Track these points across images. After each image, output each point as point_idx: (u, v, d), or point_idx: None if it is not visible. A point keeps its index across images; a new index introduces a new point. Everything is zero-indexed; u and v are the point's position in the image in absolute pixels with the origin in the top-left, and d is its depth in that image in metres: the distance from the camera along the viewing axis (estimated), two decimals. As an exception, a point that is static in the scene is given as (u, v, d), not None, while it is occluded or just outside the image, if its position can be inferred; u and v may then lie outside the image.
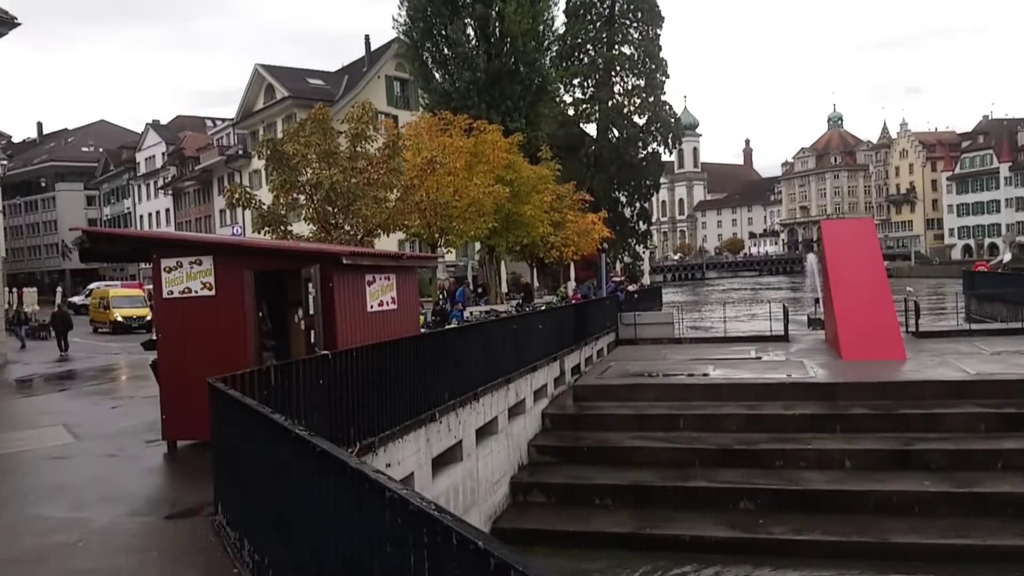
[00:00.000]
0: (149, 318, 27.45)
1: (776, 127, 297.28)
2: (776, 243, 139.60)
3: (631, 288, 29.49)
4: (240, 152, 53.60)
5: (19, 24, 21.04)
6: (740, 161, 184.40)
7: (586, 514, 11.61)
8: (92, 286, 53.51)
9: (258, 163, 39.82)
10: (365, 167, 17.39)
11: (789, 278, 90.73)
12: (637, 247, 48.00)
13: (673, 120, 46.99)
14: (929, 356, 17.10)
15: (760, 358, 18.67)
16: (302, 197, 17.29)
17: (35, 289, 47.51)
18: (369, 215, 16.82)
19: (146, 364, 10.85)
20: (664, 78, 45.79)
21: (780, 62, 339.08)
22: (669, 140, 46.81)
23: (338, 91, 46.03)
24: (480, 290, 32.12)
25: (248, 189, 18.11)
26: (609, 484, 12.20)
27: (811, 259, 35.11)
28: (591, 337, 19.57)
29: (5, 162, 59.75)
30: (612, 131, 45.13)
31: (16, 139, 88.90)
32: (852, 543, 10.03)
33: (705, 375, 16.44)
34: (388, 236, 19.70)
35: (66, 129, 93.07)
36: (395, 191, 17.94)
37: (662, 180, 54.29)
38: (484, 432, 11.39)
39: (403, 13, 32.46)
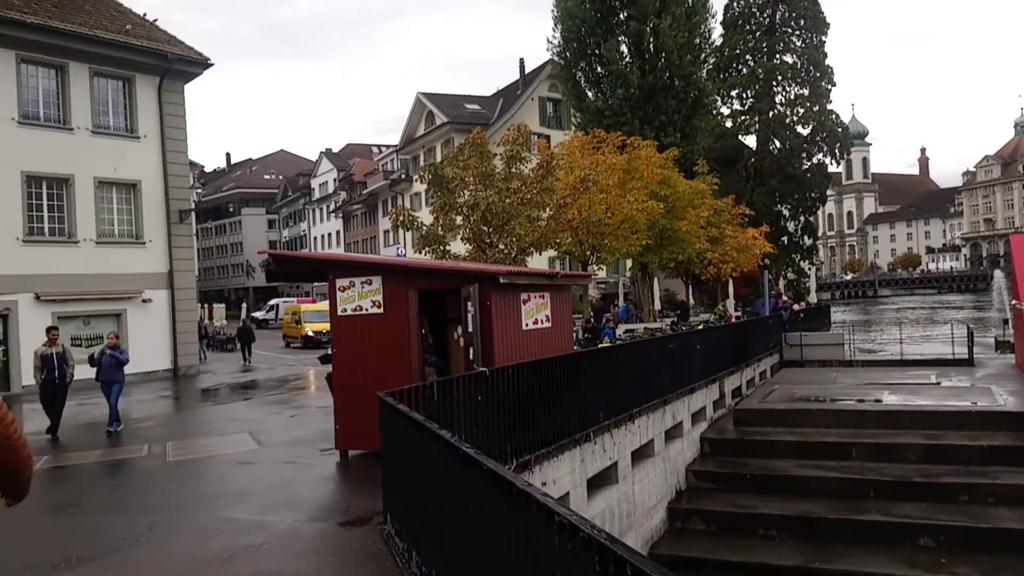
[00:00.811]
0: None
1: (955, 134, 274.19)
2: (957, 259, 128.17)
3: (796, 307, 28.07)
4: (403, 176, 56.26)
5: (212, 65, 23.28)
6: (915, 171, 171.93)
7: (749, 544, 11.11)
8: (272, 302, 58.03)
9: (419, 186, 41.65)
10: (519, 187, 17.74)
11: (973, 297, 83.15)
12: (802, 263, 45.65)
13: (840, 129, 44.42)
14: None
15: (941, 383, 17.19)
16: (459, 218, 17.87)
17: (223, 305, 51.98)
18: (522, 234, 17.08)
19: (320, 376, 11.64)
20: (830, 86, 43.50)
21: (959, 64, 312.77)
22: (836, 150, 44.31)
23: (493, 114, 47.32)
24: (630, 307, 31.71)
25: (410, 211, 18.95)
26: (774, 514, 11.62)
27: (998, 276, 31.98)
28: (753, 358, 18.79)
29: (199, 190, 66.09)
30: (773, 142, 43.36)
31: (208, 169, 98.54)
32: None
33: (879, 401, 15.32)
34: (540, 254, 19.94)
35: (251, 159, 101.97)
36: (548, 210, 18.14)
37: (829, 192, 51.29)
38: (640, 455, 11.18)
39: (557, 35, 32.94)
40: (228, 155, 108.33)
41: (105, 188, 20.99)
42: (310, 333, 33.57)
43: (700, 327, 20.46)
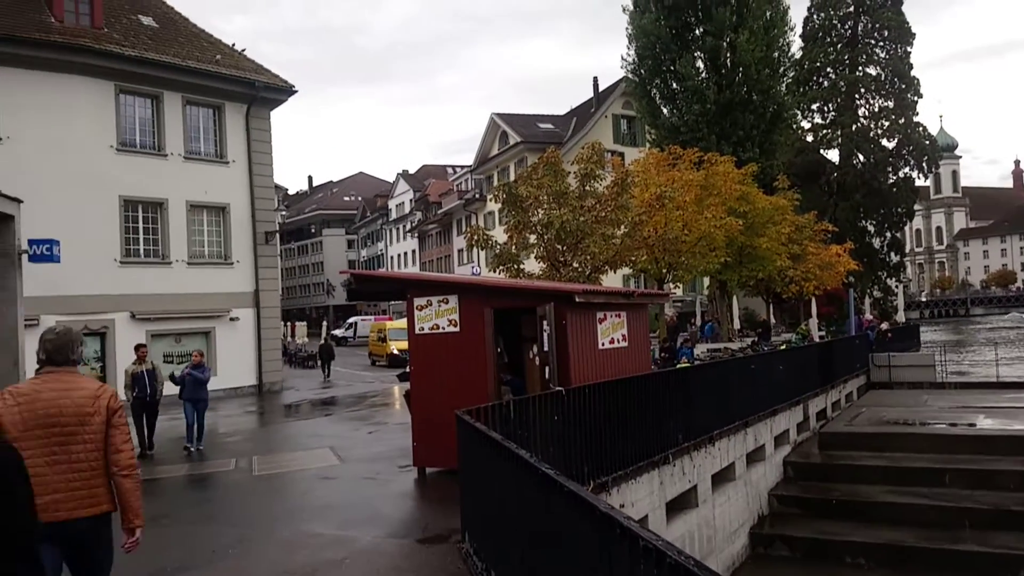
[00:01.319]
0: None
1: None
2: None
3: (884, 326, 27.00)
4: (476, 196, 56.92)
5: (296, 91, 24.18)
6: (1009, 184, 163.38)
7: (835, 573, 10.71)
8: (351, 320, 59.41)
9: (492, 205, 42.07)
10: (593, 205, 17.70)
11: (1079, 315, 78.11)
12: (888, 280, 43.93)
13: (927, 142, 42.72)
14: None
15: (1044, 408, 16.20)
16: (533, 236, 17.94)
17: (305, 323, 53.48)
18: (597, 252, 17.01)
19: (395, 392, 11.83)
20: (916, 98, 41.94)
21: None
22: (923, 163, 42.61)
23: (566, 133, 47.46)
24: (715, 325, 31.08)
25: (484, 230, 19.13)
26: (862, 542, 11.16)
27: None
28: (838, 380, 18.15)
29: (283, 212, 68.38)
30: (857, 156, 42.02)
31: (291, 191, 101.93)
32: None
33: (973, 425, 14.58)
34: (615, 272, 19.79)
35: (331, 181, 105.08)
36: (623, 227, 18.02)
37: (916, 207, 49.25)
38: (720, 478, 10.91)
39: (631, 52, 32.86)
40: (310, 178, 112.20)
41: (196, 211, 21.98)
42: (395, 351, 33.87)
43: (782, 347, 19.90)
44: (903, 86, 41.75)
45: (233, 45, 24.27)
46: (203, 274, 21.83)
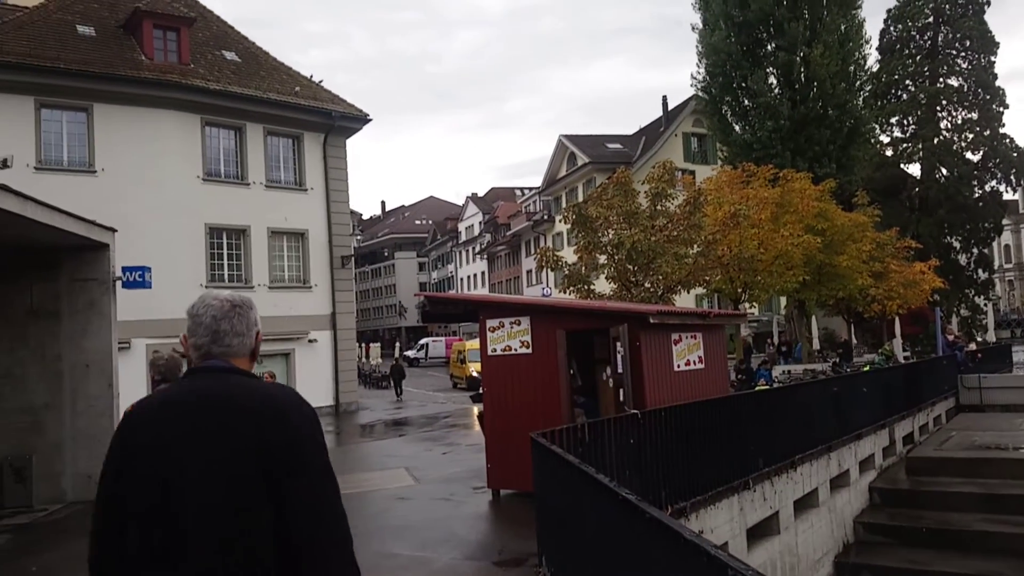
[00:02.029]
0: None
1: None
2: None
3: (972, 346, 25.77)
4: (545, 217, 57.10)
5: (370, 120, 24.86)
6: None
7: (928, 606, 10.17)
8: (422, 342, 60.24)
9: (561, 226, 42.09)
10: (665, 224, 17.55)
11: None
12: (976, 299, 41.93)
13: (1015, 154, 40.77)
14: None
15: None
16: (603, 257, 17.88)
17: (379, 344, 54.49)
18: (669, 272, 16.83)
19: (468, 413, 11.91)
20: (1001, 109, 40.14)
21: None
22: (1011, 176, 40.68)
23: (635, 152, 47.22)
24: (784, 348, 30.33)
25: (554, 251, 19.17)
26: (955, 572, 10.62)
27: None
28: (926, 402, 17.40)
29: (358, 236, 69.97)
30: (940, 170, 40.41)
31: (365, 216, 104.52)
32: None
33: (1077, 451, 13.71)
34: (688, 292, 19.52)
35: (403, 205, 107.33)
36: (696, 246, 17.80)
37: (1005, 222, 47.01)
38: (803, 504, 10.58)
39: (701, 70, 32.54)
40: (383, 203, 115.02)
41: (276, 237, 22.75)
42: (474, 373, 33.77)
43: (865, 368, 19.22)
44: (987, 97, 40.06)
45: (311, 77, 25.16)
46: (283, 297, 22.53)
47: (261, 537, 1.81)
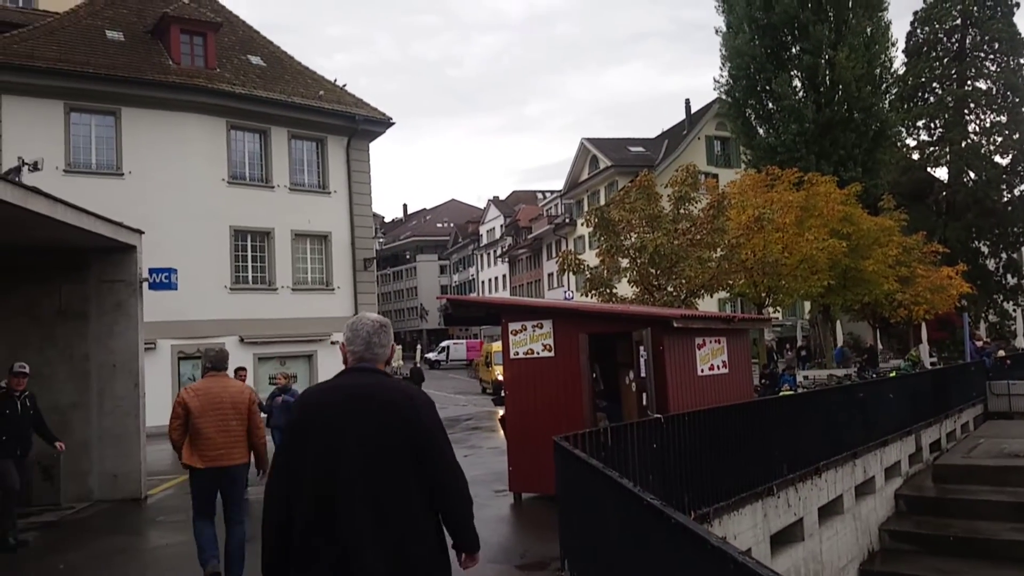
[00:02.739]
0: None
1: None
2: None
3: (1001, 353, 25.34)
4: (566, 220, 57.04)
5: (393, 123, 24.99)
6: None
7: (956, 616, 10.01)
8: (443, 344, 60.41)
9: (582, 230, 42.06)
10: (688, 228, 17.46)
11: None
12: (1005, 304, 41.26)
13: (1046, 157, 40.15)
14: None
15: None
16: (625, 260, 17.82)
17: (400, 347, 54.69)
18: (692, 275, 16.74)
19: (488, 416, 11.89)
20: (1032, 110, 39.54)
21: None
22: (1042, 179, 40.02)
23: (658, 156, 47.04)
24: (803, 352, 30.05)
25: (575, 254, 19.13)
26: (984, 583, 10.41)
27: None
28: (953, 409, 17.15)
29: (381, 239, 70.31)
30: (968, 174, 39.81)
31: (387, 219, 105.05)
32: None
33: (1110, 460, 13.43)
34: (711, 296, 19.39)
35: (425, 208, 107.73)
36: (719, 250, 17.69)
37: (1034, 225, 46.21)
38: (827, 511, 10.46)
39: (724, 73, 32.34)
40: (405, 206, 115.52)
41: (300, 240, 22.93)
42: (499, 377, 32.20)
43: (892, 374, 18.98)
44: (1016, 100, 39.43)
45: (335, 80, 25.34)
46: (306, 299, 22.70)
47: (409, 496, 2.75)
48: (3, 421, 7.91)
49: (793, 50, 30.68)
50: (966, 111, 40.34)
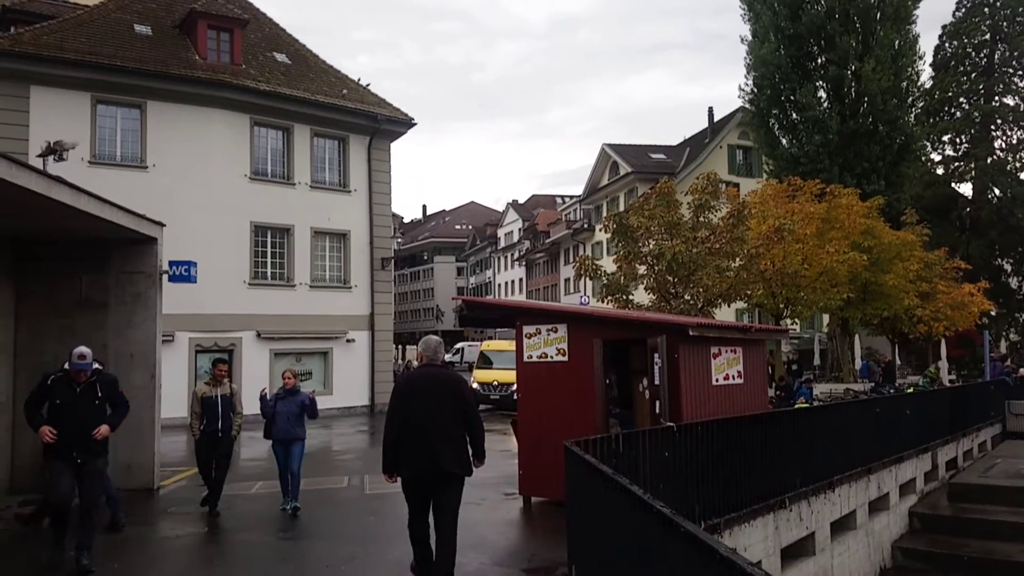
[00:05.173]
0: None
1: None
2: None
3: (1022, 372, 25.00)
4: (585, 226, 56.91)
5: (415, 124, 25.07)
6: None
7: (969, 638, 9.85)
8: (458, 346, 60.34)
9: (600, 235, 41.91)
10: (707, 236, 17.36)
11: None
12: (1027, 323, 40.72)
13: (1073, 175, 39.55)
14: None
15: None
16: (642, 267, 17.74)
17: (415, 347, 54.79)
18: (710, 284, 16.64)
19: (500, 419, 11.83)
20: (1060, 128, 39.00)
21: None
22: (1068, 199, 39.43)
23: (678, 163, 46.84)
24: (795, 367, 29.69)
25: (593, 260, 19.08)
26: (999, 606, 10.25)
27: None
28: (971, 427, 16.93)
29: (399, 239, 70.63)
30: (992, 190, 39.36)
31: (407, 220, 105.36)
32: None
33: None
34: (728, 306, 19.26)
35: (444, 210, 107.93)
36: (738, 260, 17.57)
37: (1060, 245, 45.52)
38: (840, 526, 10.34)
39: (749, 83, 32.17)
40: (424, 207, 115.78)
41: (319, 237, 23.05)
42: (495, 382, 28.45)
43: (909, 390, 18.77)
44: (1044, 117, 38.95)
45: (359, 80, 25.47)
46: (324, 297, 22.80)
47: (461, 416, 5.97)
48: (55, 412, 6.58)
49: (819, 60, 30.47)
50: (992, 127, 39.90)
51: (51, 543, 6.72)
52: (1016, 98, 39.86)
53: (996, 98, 39.88)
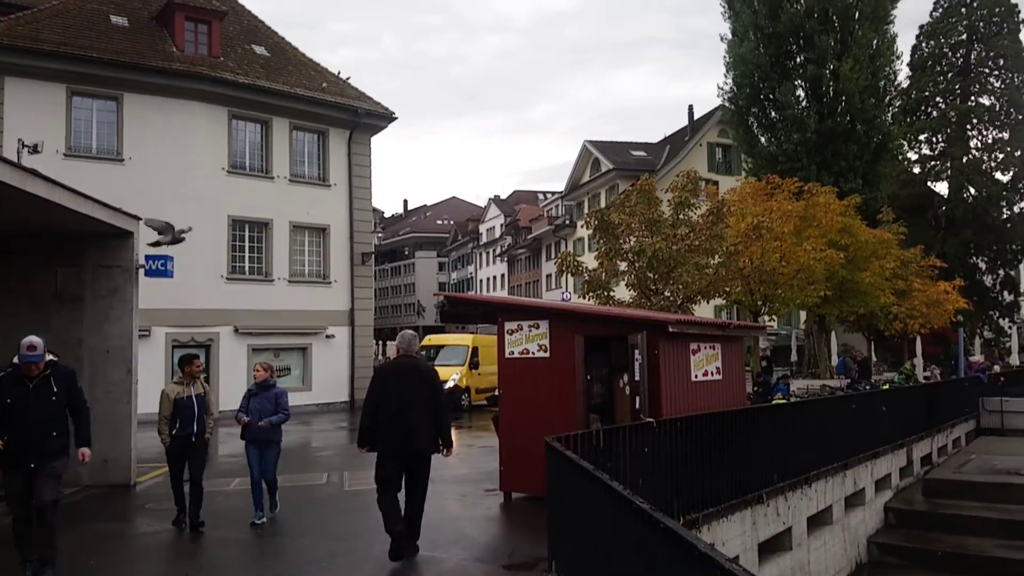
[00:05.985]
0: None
1: None
2: None
3: (996, 368, 25.40)
4: (566, 222, 57.03)
5: (396, 118, 24.97)
6: None
7: (941, 631, 10.01)
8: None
9: (582, 231, 42.05)
10: (687, 234, 17.45)
11: None
12: (1000, 321, 41.37)
13: (1047, 175, 40.20)
14: None
15: None
16: (623, 264, 17.80)
17: (396, 342, 54.60)
18: (690, 281, 16.73)
19: (479, 414, 11.86)
20: (1034, 128, 39.60)
21: None
22: (1042, 197, 40.09)
23: (659, 161, 47.09)
24: (764, 363, 30.01)
25: (574, 256, 19.12)
26: (971, 599, 10.43)
27: None
28: (945, 424, 17.18)
29: (379, 234, 70.21)
30: (968, 189, 39.91)
31: (387, 214, 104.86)
32: None
33: (1101, 480, 13.45)
34: (707, 303, 19.38)
35: (425, 205, 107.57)
36: (717, 257, 17.69)
37: (1033, 243, 46.32)
38: (816, 521, 10.46)
39: (728, 81, 32.31)
40: (405, 202, 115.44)
41: (298, 232, 22.89)
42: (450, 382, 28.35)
43: (885, 387, 19.01)
44: (1020, 117, 39.51)
45: (339, 73, 25.30)
46: (302, 292, 22.66)
47: (432, 403, 6.90)
48: (6, 413, 5.85)
49: (798, 59, 30.68)
50: (968, 127, 40.42)
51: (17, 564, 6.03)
52: (992, 98, 40.40)
53: (972, 98, 40.41)
